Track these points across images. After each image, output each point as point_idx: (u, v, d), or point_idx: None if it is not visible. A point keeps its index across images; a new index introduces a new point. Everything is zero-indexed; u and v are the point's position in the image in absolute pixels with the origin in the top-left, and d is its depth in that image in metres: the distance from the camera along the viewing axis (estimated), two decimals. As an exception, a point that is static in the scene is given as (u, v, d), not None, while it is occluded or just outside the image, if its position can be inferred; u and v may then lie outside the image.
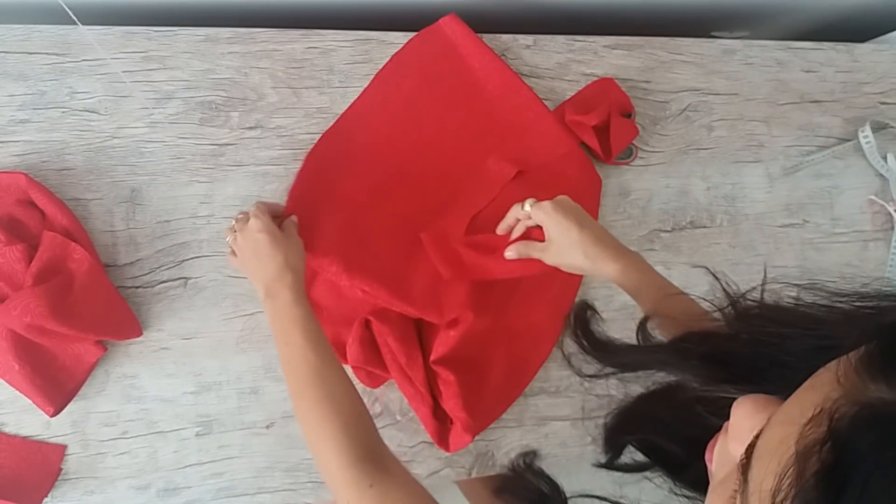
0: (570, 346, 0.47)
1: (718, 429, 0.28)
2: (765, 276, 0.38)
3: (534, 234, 0.62)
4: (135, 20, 0.69)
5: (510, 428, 0.71)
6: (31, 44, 0.66)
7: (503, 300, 0.70)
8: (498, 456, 0.70)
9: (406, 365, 0.64)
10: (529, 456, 0.48)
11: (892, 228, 0.84)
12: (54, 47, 0.66)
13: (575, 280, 0.73)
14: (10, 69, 0.65)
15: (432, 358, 0.65)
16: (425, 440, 0.67)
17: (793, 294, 0.32)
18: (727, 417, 0.26)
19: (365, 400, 0.67)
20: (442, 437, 0.66)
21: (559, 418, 0.72)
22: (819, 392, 0.21)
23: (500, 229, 0.65)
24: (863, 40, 0.91)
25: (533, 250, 0.61)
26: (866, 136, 0.83)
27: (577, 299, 0.50)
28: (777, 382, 0.27)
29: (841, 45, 0.86)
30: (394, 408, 0.68)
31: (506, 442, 0.70)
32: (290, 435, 0.66)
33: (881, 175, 0.85)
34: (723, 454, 0.26)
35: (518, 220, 0.62)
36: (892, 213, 0.83)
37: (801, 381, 0.22)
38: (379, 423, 0.67)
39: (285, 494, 0.65)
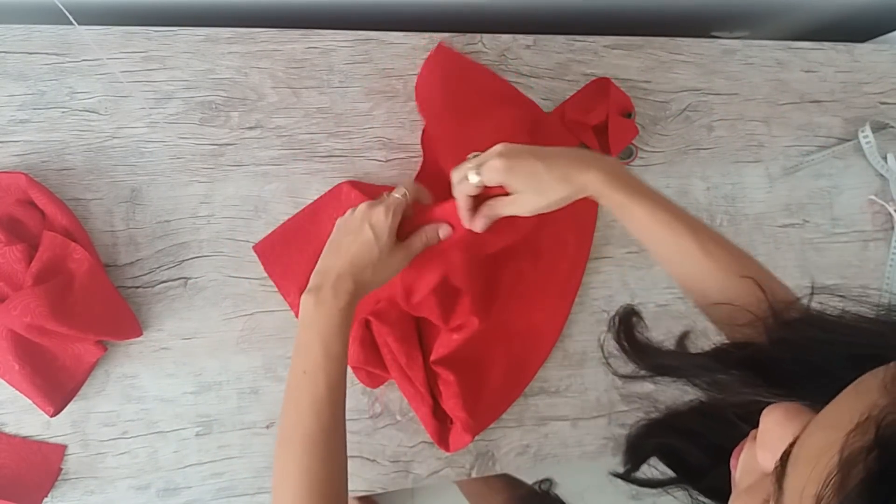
0: (611, 346, 0.44)
1: (745, 435, 0.28)
2: (812, 287, 0.37)
3: (493, 191, 0.53)
4: (134, 20, 0.69)
5: (510, 428, 0.71)
6: (30, 44, 0.66)
7: (504, 300, 0.70)
8: (498, 456, 0.70)
9: (406, 365, 0.64)
10: (546, 483, 0.46)
11: (893, 228, 0.84)
12: (54, 47, 0.66)
13: (575, 280, 0.73)
14: (10, 69, 0.65)
15: (432, 358, 0.65)
16: (425, 440, 0.67)
17: (838, 305, 0.32)
18: (756, 424, 0.25)
19: (365, 400, 0.68)
20: (442, 437, 0.66)
21: (559, 418, 0.72)
22: (864, 399, 0.20)
23: (463, 216, 0.55)
24: (863, 40, 0.91)
25: (502, 207, 0.53)
26: (866, 136, 0.83)
27: (621, 304, 0.47)
28: (813, 390, 0.26)
29: (841, 45, 0.86)
30: (394, 408, 0.68)
31: (506, 442, 0.70)
32: (290, 435, 0.66)
33: (881, 175, 0.85)
34: (749, 462, 0.26)
35: (472, 197, 0.53)
36: (892, 213, 0.83)
37: (838, 389, 0.22)
38: (379, 423, 0.68)
39: (285, 494, 0.65)
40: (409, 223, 0.58)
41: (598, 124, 0.73)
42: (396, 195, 0.54)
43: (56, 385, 0.60)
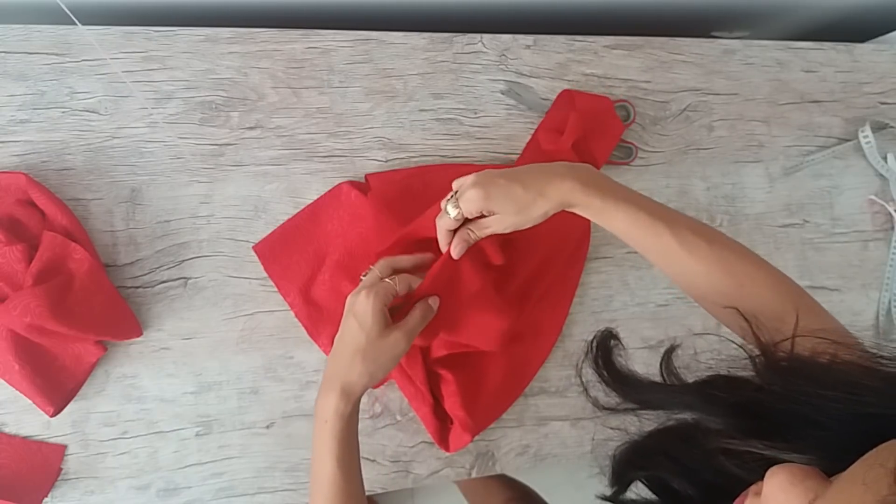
0: (589, 374, 0.43)
1: (741, 481, 0.26)
2: (796, 325, 0.35)
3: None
4: (135, 20, 0.70)
5: (510, 428, 0.71)
6: (31, 44, 0.66)
7: (505, 302, 0.70)
8: (498, 456, 0.70)
9: (406, 364, 0.64)
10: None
11: (892, 228, 0.84)
12: (54, 47, 0.66)
13: (575, 278, 0.73)
14: (10, 69, 0.65)
15: (432, 357, 0.65)
16: (425, 440, 0.67)
17: (830, 351, 0.30)
18: (752, 472, 0.24)
19: (365, 400, 0.67)
20: (442, 436, 0.66)
21: (559, 418, 0.72)
22: (873, 491, 0.19)
23: (454, 252, 0.54)
24: (863, 40, 0.91)
25: (482, 229, 0.53)
26: (866, 136, 0.83)
27: (601, 328, 0.46)
28: (810, 443, 0.25)
29: (841, 45, 0.86)
30: (394, 408, 0.68)
31: (506, 442, 0.70)
32: (291, 435, 0.66)
33: (881, 175, 0.85)
34: None
35: (453, 231, 0.54)
36: (892, 213, 0.84)
37: (837, 444, 0.21)
38: (379, 423, 0.68)
39: (285, 494, 0.65)
40: (410, 297, 0.55)
41: (576, 141, 0.72)
42: (384, 279, 0.52)
43: (56, 385, 0.60)
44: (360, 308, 0.50)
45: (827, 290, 0.81)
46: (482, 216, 0.52)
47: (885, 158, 0.84)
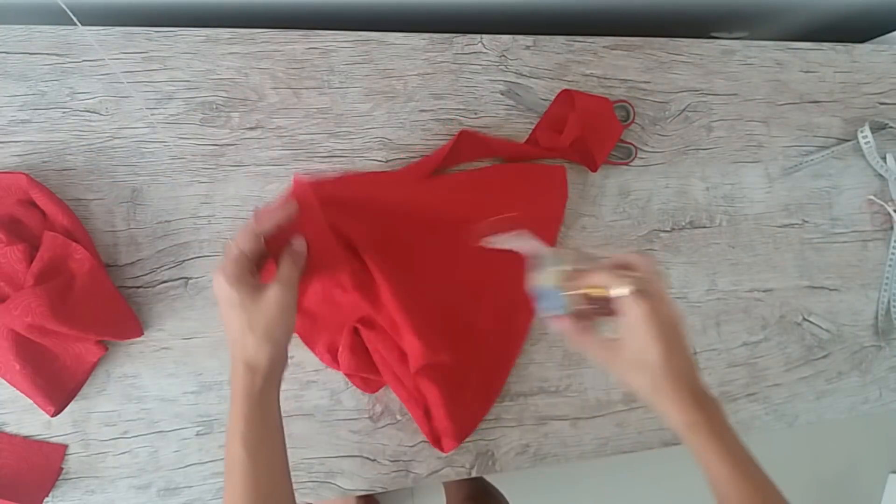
0: None
1: None
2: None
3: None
4: (135, 21, 0.70)
5: (510, 427, 0.71)
6: (31, 44, 0.66)
7: (469, 304, 0.69)
8: (498, 455, 0.70)
9: (397, 368, 0.64)
10: None
11: (892, 228, 0.84)
12: (55, 48, 0.66)
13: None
14: (11, 69, 0.65)
15: (412, 368, 0.64)
16: (425, 440, 0.68)
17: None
18: None
19: (365, 400, 0.68)
20: (436, 438, 0.66)
21: (559, 418, 0.72)
22: None
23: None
24: (862, 41, 0.91)
25: (601, 343, 0.49)
26: (865, 136, 0.83)
27: None
28: None
29: (840, 46, 0.87)
30: (394, 407, 0.68)
31: (505, 441, 0.71)
32: (290, 435, 0.66)
33: (880, 175, 0.85)
34: None
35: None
36: (892, 213, 0.84)
37: None
38: (379, 423, 0.68)
39: (286, 494, 0.65)
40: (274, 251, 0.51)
41: (575, 141, 0.72)
42: (226, 251, 0.48)
43: (57, 385, 0.60)
44: (217, 288, 0.47)
45: (826, 290, 0.82)
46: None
47: (884, 159, 0.84)
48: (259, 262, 0.50)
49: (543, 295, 0.53)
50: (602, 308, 0.49)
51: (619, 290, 0.45)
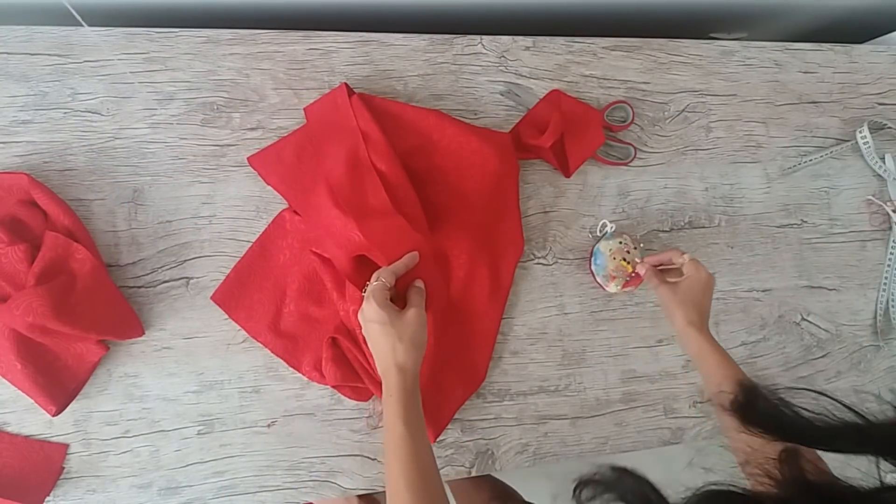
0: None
1: None
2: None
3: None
4: (136, 21, 0.70)
5: (509, 427, 0.71)
6: (33, 45, 0.66)
7: (447, 304, 0.70)
8: (497, 454, 0.70)
9: (378, 374, 0.64)
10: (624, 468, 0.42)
11: (890, 228, 0.85)
12: (56, 48, 0.66)
13: (510, 261, 0.73)
14: (13, 70, 0.65)
15: None
16: (425, 439, 0.68)
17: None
18: None
19: (364, 404, 0.68)
20: None
21: (558, 417, 0.72)
22: None
23: (652, 260, 0.70)
24: (861, 41, 0.91)
25: (669, 277, 0.68)
26: (864, 136, 0.83)
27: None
28: None
29: (839, 47, 0.87)
30: (394, 407, 0.68)
31: (505, 441, 0.71)
32: (292, 434, 0.66)
33: (879, 175, 0.85)
34: None
35: (670, 260, 0.68)
36: (890, 213, 0.84)
37: None
38: (380, 423, 0.68)
39: (286, 493, 0.65)
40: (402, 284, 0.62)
41: (555, 143, 0.72)
42: (373, 283, 0.59)
43: (58, 384, 0.61)
44: (369, 312, 0.57)
45: (825, 290, 0.82)
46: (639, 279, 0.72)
47: (882, 159, 0.85)
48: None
49: (597, 255, 0.73)
50: (630, 278, 0.72)
51: (684, 258, 0.67)
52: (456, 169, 0.70)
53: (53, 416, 0.60)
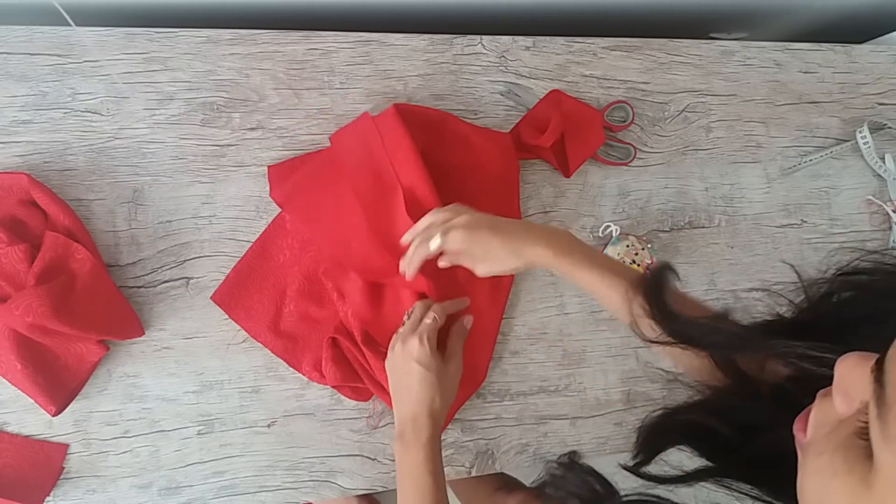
0: (638, 309, 0.46)
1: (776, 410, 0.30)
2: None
3: (459, 272, 0.61)
4: (137, 22, 0.70)
5: (509, 427, 0.71)
6: (32, 45, 0.66)
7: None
8: (497, 455, 0.70)
9: (379, 375, 0.65)
10: (574, 455, 0.46)
11: (890, 228, 0.84)
12: (56, 48, 0.66)
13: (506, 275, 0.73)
14: (13, 70, 0.65)
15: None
16: (425, 439, 0.68)
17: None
18: (791, 398, 0.28)
19: (364, 404, 0.68)
20: None
21: (558, 417, 0.72)
22: None
23: (409, 274, 0.60)
24: (861, 41, 0.91)
25: (460, 262, 0.59)
26: (864, 136, 0.83)
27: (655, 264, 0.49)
28: (868, 340, 0.27)
29: (839, 46, 0.87)
30: (394, 407, 0.68)
31: (505, 441, 0.71)
32: (292, 434, 0.66)
33: (879, 175, 0.85)
34: (823, 415, 0.27)
35: (429, 255, 0.58)
36: (890, 213, 0.84)
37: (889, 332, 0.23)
38: (379, 423, 0.68)
39: (286, 493, 0.65)
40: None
41: (555, 143, 0.72)
42: (427, 321, 0.59)
43: (58, 384, 0.60)
44: (420, 354, 0.58)
45: (825, 289, 0.82)
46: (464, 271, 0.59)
47: (882, 159, 0.85)
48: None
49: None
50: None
51: (432, 242, 0.57)
52: (458, 168, 0.70)
53: (53, 416, 0.60)
